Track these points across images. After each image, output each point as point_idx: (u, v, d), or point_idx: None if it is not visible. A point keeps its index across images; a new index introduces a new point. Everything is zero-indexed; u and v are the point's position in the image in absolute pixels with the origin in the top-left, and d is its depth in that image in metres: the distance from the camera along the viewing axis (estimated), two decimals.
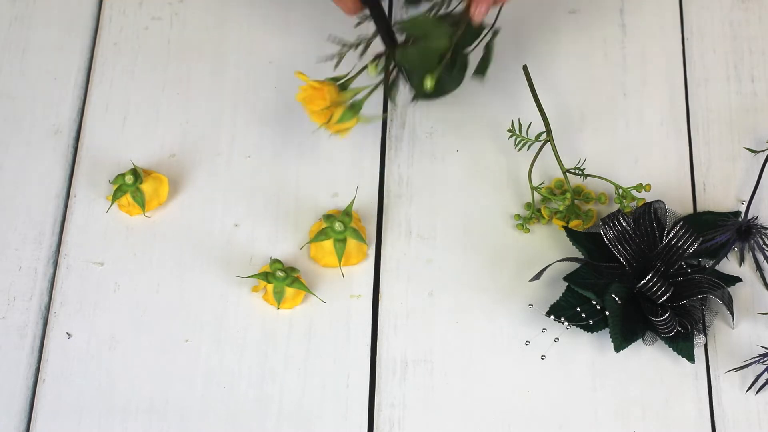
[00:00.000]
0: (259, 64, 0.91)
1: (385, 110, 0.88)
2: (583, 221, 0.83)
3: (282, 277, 0.79)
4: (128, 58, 0.91)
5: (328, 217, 0.82)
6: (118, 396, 0.79)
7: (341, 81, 0.81)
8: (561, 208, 0.82)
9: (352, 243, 0.81)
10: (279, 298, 0.80)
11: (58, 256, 0.84)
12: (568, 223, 0.83)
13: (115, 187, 0.83)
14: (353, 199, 0.82)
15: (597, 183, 0.85)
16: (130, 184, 0.83)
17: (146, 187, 0.83)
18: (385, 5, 0.92)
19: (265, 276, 0.80)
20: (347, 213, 0.82)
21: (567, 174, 0.83)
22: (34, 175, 0.87)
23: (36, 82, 0.91)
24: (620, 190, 0.82)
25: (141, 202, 0.83)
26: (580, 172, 0.83)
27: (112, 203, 0.84)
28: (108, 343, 0.81)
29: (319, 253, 0.82)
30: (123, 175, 0.83)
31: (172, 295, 0.82)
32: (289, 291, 0.80)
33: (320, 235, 0.81)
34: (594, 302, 0.79)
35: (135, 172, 0.83)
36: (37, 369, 0.80)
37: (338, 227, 0.80)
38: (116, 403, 0.79)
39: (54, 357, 0.80)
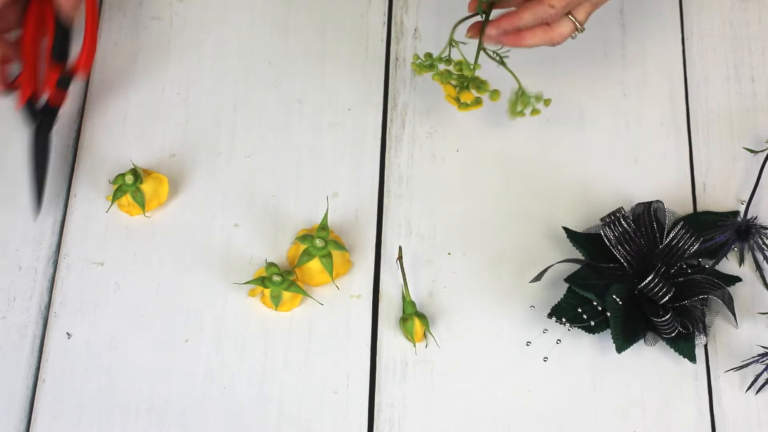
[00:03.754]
0: (259, 64, 0.91)
1: None
2: (473, 99, 0.81)
3: (278, 281, 0.79)
4: (128, 58, 0.91)
5: (305, 237, 0.80)
6: (118, 396, 0.79)
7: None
8: (452, 70, 0.81)
9: (336, 254, 0.81)
10: (276, 302, 0.80)
11: (58, 256, 0.84)
12: (457, 94, 0.81)
13: (115, 187, 0.83)
14: (326, 212, 0.81)
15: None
16: (130, 184, 0.83)
17: (146, 187, 0.83)
18: (384, 5, 0.93)
19: (262, 281, 0.79)
20: (323, 227, 0.81)
21: (484, 51, 0.80)
22: None
23: None
24: (519, 91, 0.80)
25: (141, 202, 0.83)
26: (498, 58, 0.81)
27: (112, 203, 0.84)
28: (108, 343, 0.81)
29: (306, 276, 0.81)
30: (123, 175, 0.83)
31: (172, 295, 0.82)
32: (287, 294, 0.80)
33: (304, 257, 0.80)
34: (595, 303, 0.79)
35: (135, 172, 0.83)
36: (37, 369, 0.80)
37: (319, 243, 0.80)
38: (116, 403, 0.79)
39: (54, 357, 0.80)
